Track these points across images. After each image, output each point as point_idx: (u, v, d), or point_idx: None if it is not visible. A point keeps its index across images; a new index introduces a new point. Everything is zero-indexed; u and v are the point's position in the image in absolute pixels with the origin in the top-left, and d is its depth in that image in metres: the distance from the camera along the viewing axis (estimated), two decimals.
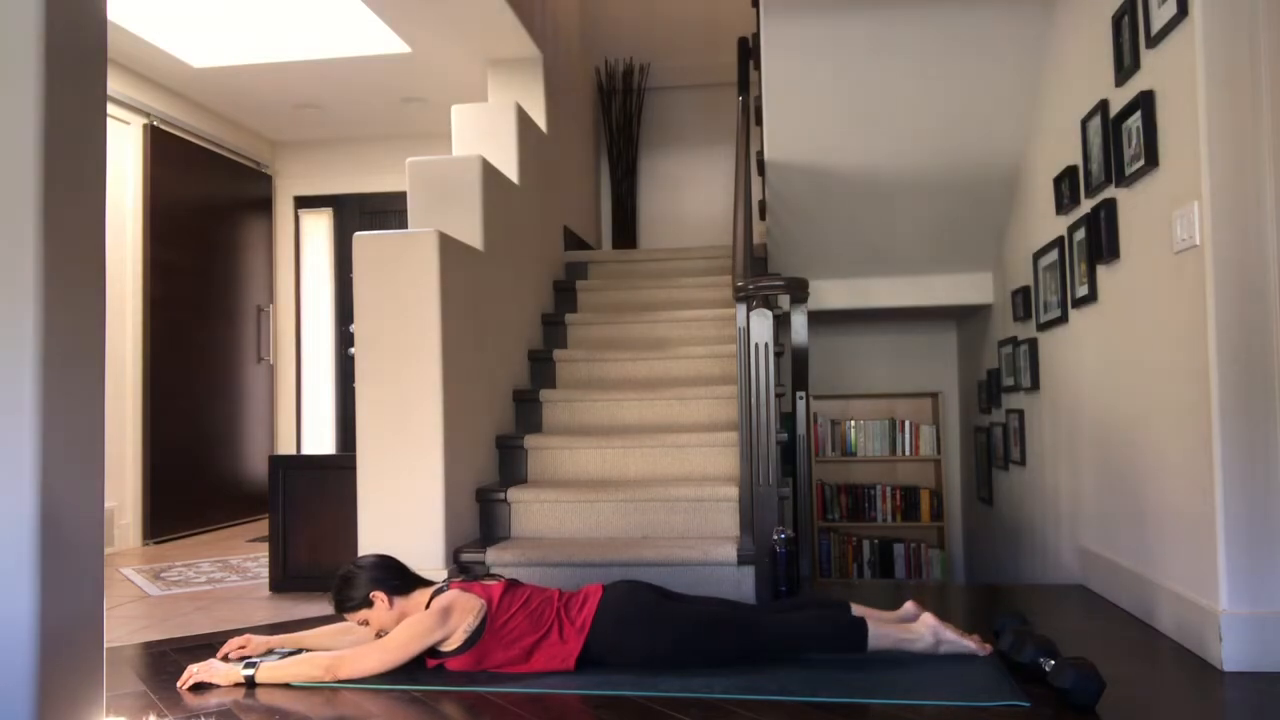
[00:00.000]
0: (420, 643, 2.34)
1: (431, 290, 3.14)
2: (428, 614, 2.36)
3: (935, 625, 2.42)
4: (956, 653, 2.41)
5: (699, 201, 6.33)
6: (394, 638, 2.35)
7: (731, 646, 2.38)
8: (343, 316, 6.55)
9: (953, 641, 2.41)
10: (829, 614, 2.45)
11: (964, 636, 2.42)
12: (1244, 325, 2.30)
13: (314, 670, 2.34)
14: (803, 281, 3.30)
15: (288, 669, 2.35)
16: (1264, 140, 2.29)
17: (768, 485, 3.06)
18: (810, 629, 2.41)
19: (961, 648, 2.41)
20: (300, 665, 2.35)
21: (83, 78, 1.79)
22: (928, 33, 3.66)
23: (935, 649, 2.41)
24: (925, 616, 2.45)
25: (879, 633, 2.39)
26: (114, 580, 4.01)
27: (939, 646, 2.41)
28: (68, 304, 1.73)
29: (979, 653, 2.40)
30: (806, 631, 2.40)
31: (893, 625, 2.43)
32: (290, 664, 2.35)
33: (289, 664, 2.35)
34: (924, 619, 2.45)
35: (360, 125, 6.36)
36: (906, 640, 2.40)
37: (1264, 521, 2.28)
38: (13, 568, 1.63)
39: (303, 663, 2.35)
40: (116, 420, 5.02)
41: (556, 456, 3.74)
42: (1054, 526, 3.77)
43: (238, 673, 2.35)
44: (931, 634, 2.41)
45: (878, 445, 5.78)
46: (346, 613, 2.46)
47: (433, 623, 2.34)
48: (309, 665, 2.35)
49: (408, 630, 2.35)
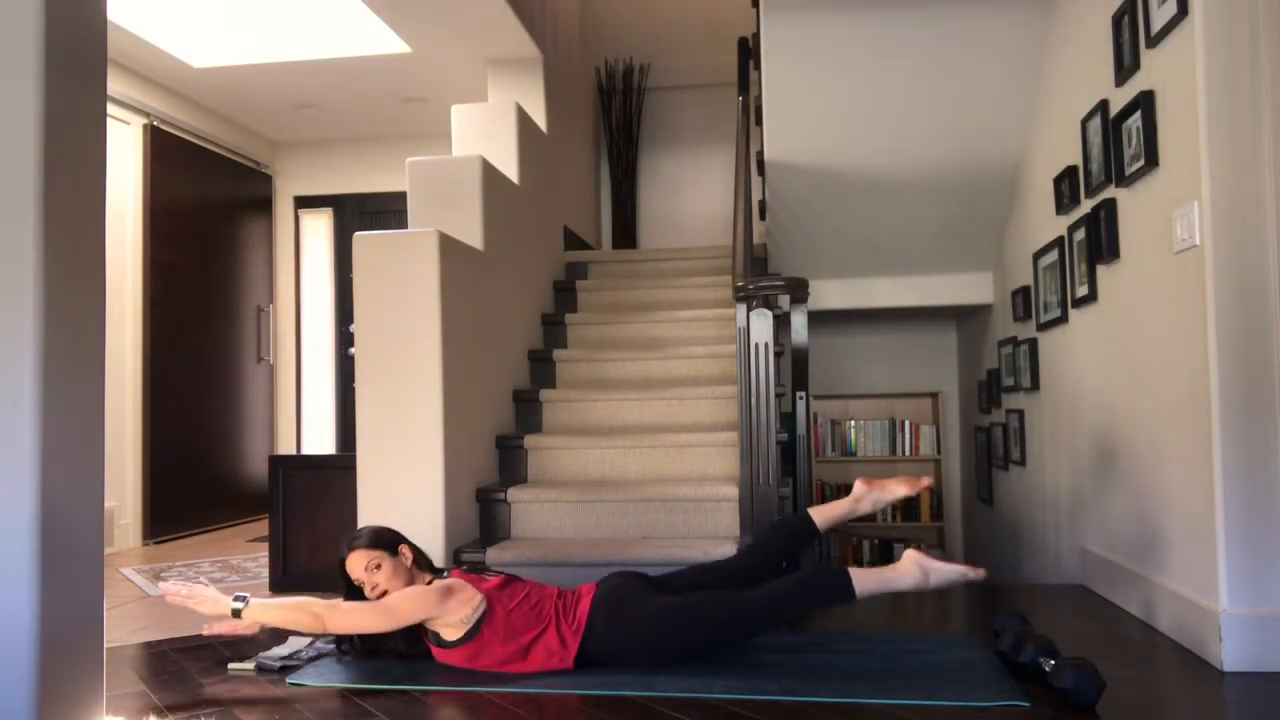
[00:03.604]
0: (416, 612, 2.33)
1: (431, 290, 3.14)
2: (430, 588, 2.37)
3: (919, 557, 2.38)
4: (949, 582, 2.36)
5: (699, 201, 6.33)
6: (392, 599, 2.35)
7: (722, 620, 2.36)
8: (343, 316, 6.55)
9: (941, 570, 2.36)
10: (810, 570, 2.46)
11: (951, 563, 2.38)
12: (1244, 325, 2.30)
13: (304, 616, 2.31)
14: (803, 281, 3.29)
15: (278, 611, 2.33)
16: (1264, 140, 2.29)
17: (768, 485, 3.06)
18: (795, 587, 2.39)
19: (952, 575, 2.36)
20: (292, 609, 2.33)
21: (83, 78, 1.79)
22: (928, 33, 3.66)
23: (925, 583, 2.36)
24: (909, 552, 2.42)
25: (864, 578, 2.36)
26: (114, 580, 4.01)
27: (928, 579, 2.36)
28: (68, 304, 1.73)
29: (971, 575, 2.36)
30: (792, 591, 2.39)
31: (877, 569, 2.41)
32: (282, 605, 2.34)
33: (280, 604, 2.34)
34: (907, 554, 2.41)
35: (360, 125, 6.35)
36: (893, 579, 2.37)
37: (1264, 521, 2.28)
38: (13, 568, 1.63)
39: (295, 607, 2.33)
40: (116, 420, 5.02)
41: (556, 456, 3.74)
42: (1054, 526, 3.77)
43: (226, 604, 2.35)
44: (916, 566, 2.37)
45: (878, 445, 5.78)
46: (373, 548, 2.46)
47: (433, 598, 2.34)
48: (300, 610, 2.32)
49: (406, 597, 2.35)
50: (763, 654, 2.47)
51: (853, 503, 2.76)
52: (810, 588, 2.39)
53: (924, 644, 2.53)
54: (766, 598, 2.38)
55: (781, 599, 2.38)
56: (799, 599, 2.39)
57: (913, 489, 2.72)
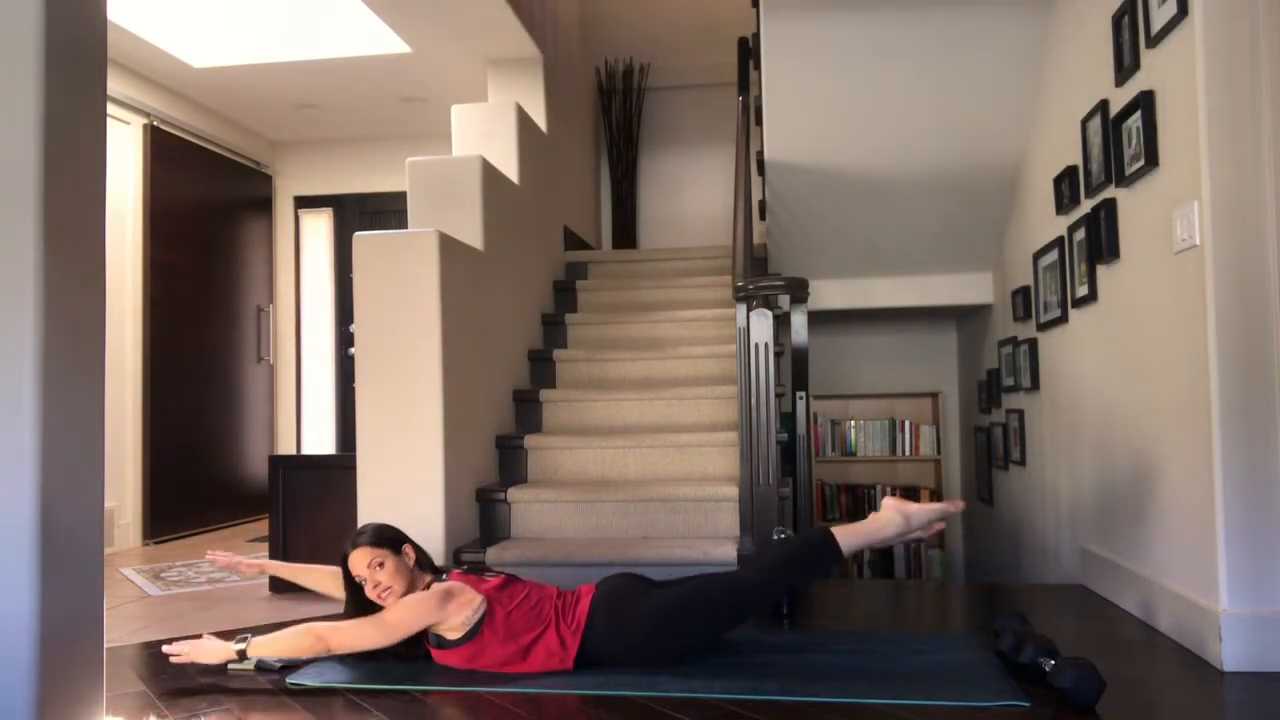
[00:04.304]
0: (417, 622, 2.34)
1: (431, 290, 3.14)
2: (428, 594, 2.36)
3: (897, 504, 2.41)
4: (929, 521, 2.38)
5: (699, 201, 6.33)
6: (390, 614, 2.35)
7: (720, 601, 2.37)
8: (343, 316, 6.55)
9: (921, 511, 2.38)
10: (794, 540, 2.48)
11: (931, 504, 2.41)
12: (1244, 325, 2.30)
13: (307, 641, 2.32)
14: (803, 281, 3.30)
15: (281, 642, 2.33)
16: (1264, 140, 2.29)
17: (768, 485, 3.06)
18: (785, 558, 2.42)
19: (933, 514, 2.38)
20: (293, 637, 2.33)
21: (83, 78, 1.79)
22: (928, 33, 3.66)
23: (909, 528, 2.38)
24: (887, 500, 2.45)
25: (848, 535, 2.38)
26: (114, 580, 4.01)
27: (911, 523, 2.38)
28: (68, 304, 1.73)
29: (951, 509, 2.38)
30: (783, 563, 2.41)
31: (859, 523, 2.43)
32: (284, 636, 2.34)
33: (281, 636, 2.34)
34: (886, 501, 2.44)
35: (360, 125, 6.35)
36: (876, 531, 2.39)
37: (1264, 521, 2.28)
38: (13, 568, 1.63)
39: (295, 635, 2.33)
40: (116, 420, 5.02)
41: (556, 456, 3.74)
42: (1054, 526, 3.77)
43: (230, 649, 2.35)
44: (897, 513, 2.39)
45: (878, 445, 5.78)
46: (377, 546, 2.45)
47: (432, 604, 2.34)
48: (302, 636, 2.32)
49: (405, 608, 2.35)
50: (763, 654, 2.47)
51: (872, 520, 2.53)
52: (799, 556, 2.41)
53: (924, 644, 2.53)
54: (761, 575, 2.41)
55: (774, 571, 2.41)
56: (791, 569, 2.42)
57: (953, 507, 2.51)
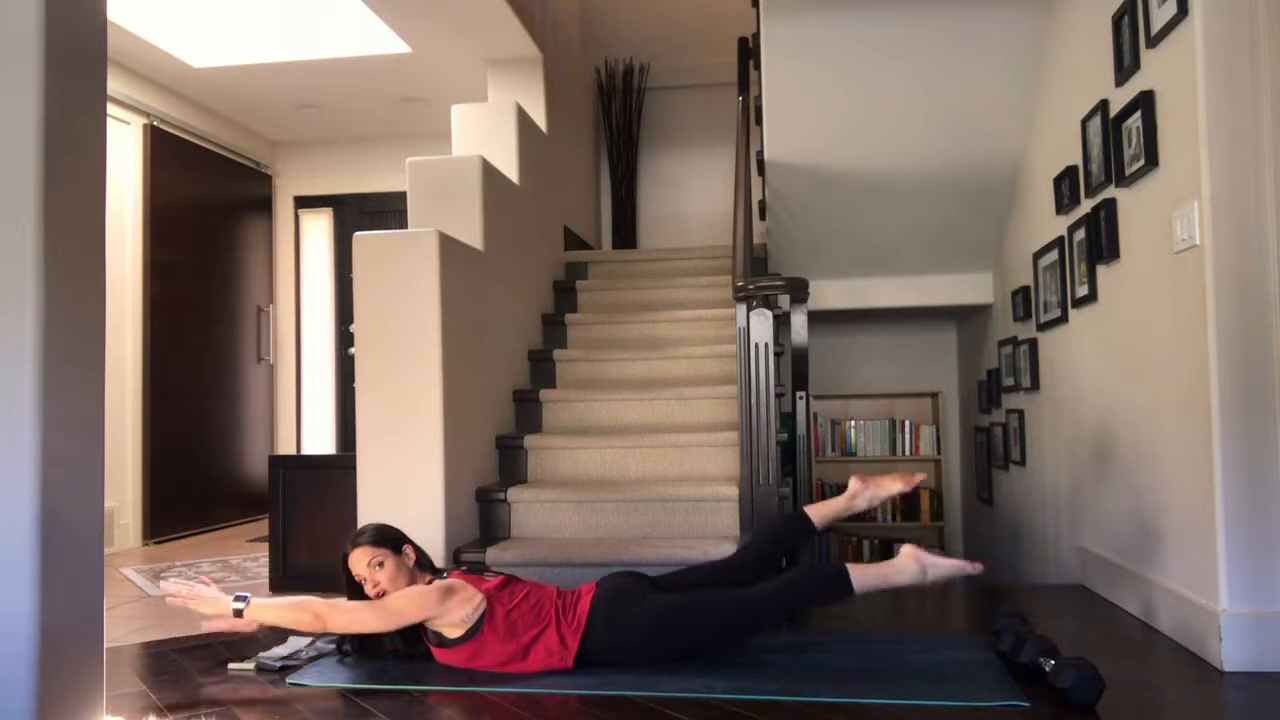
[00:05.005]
0: (416, 612, 2.34)
1: (431, 290, 3.14)
2: (430, 588, 2.37)
3: (916, 552, 2.39)
4: (946, 576, 2.37)
5: (699, 201, 6.33)
6: (391, 601, 2.35)
7: (721, 618, 2.36)
8: (343, 316, 6.55)
9: (939, 564, 2.37)
10: (808, 567, 2.46)
11: (949, 557, 2.39)
12: (1244, 325, 2.30)
13: (304, 615, 2.31)
14: (803, 281, 3.30)
15: (278, 610, 2.33)
16: (1264, 140, 2.29)
17: (768, 485, 3.06)
18: (794, 584, 2.40)
19: (950, 569, 2.37)
20: (292, 609, 2.32)
21: (83, 78, 1.79)
22: (928, 33, 3.66)
23: (923, 578, 2.37)
24: (905, 547, 2.43)
25: (862, 574, 2.37)
26: (114, 580, 4.01)
27: (926, 574, 2.37)
28: (68, 304, 1.73)
29: (969, 570, 2.37)
30: (792, 589, 2.39)
31: (875, 565, 2.42)
32: (282, 604, 2.34)
33: (281, 604, 2.34)
34: (904, 549, 2.43)
35: (360, 125, 6.36)
36: (891, 575, 2.38)
37: (1264, 521, 2.28)
38: (13, 568, 1.63)
39: (295, 606, 2.33)
40: (116, 420, 5.02)
41: (556, 456, 3.74)
42: (1054, 526, 3.77)
43: (227, 604, 2.35)
44: (914, 562, 2.38)
45: (878, 445, 5.78)
46: (377, 545, 2.46)
47: (434, 598, 2.34)
48: (301, 610, 2.32)
49: (406, 597, 2.35)
50: (763, 654, 2.47)
51: (848, 499, 2.79)
52: (809, 585, 2.39)
53: (924, 644, 2.53)
54: (766, 596, 2.38)
55: (781, 596, 2.38)
56: (798, 596, 2.40)
57: (907, 485, 2.75)
